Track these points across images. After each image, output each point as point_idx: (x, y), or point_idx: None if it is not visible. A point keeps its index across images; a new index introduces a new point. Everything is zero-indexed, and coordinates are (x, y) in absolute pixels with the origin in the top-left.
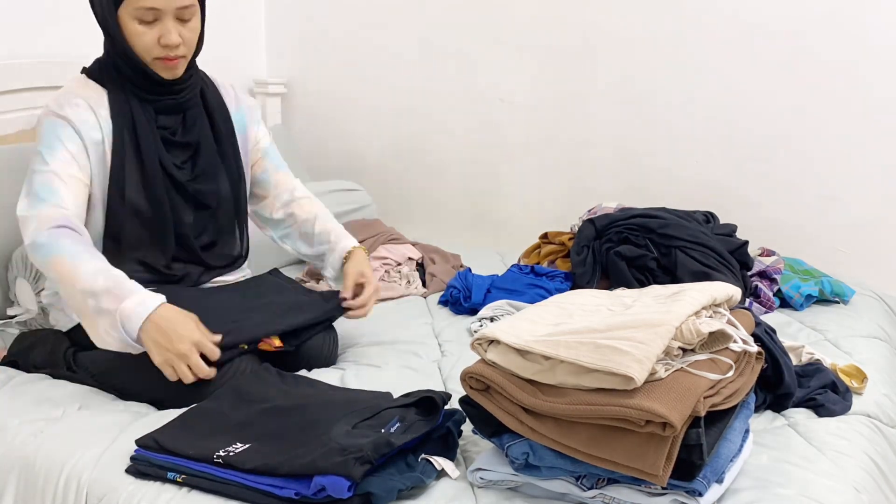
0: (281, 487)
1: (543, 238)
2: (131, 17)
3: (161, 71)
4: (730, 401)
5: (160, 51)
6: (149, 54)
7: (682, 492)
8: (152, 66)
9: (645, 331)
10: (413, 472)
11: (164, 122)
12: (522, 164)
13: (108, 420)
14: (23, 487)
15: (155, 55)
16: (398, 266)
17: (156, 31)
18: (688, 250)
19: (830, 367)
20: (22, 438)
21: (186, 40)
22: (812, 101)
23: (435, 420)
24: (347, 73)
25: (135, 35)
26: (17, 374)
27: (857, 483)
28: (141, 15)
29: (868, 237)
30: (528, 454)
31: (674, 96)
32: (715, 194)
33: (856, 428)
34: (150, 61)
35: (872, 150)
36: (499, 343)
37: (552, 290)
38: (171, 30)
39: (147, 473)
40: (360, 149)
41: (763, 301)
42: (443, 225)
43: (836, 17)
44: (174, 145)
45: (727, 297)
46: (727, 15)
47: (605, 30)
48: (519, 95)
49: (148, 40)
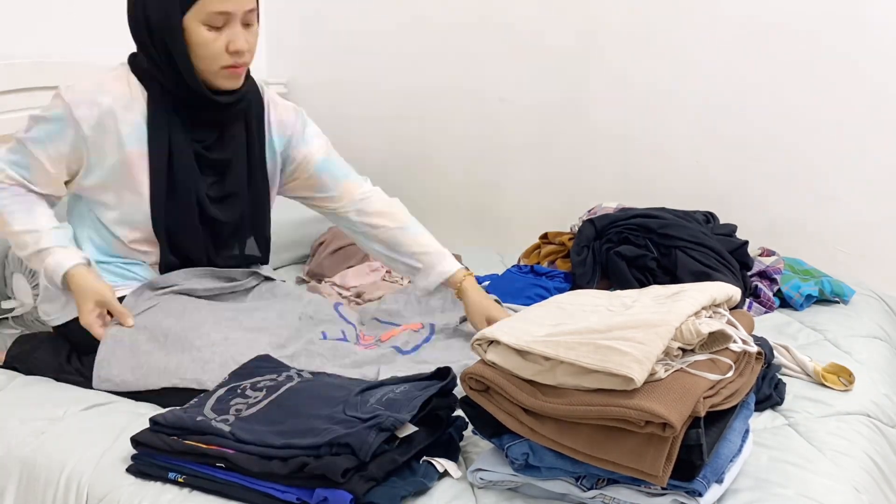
0: (283, 491)
1: (543, 238)
2: (200, 22)
3: (225, 81)
4: (730, 401)
5: (228, 58)
6: (216, 63)
7: (681, 492)
8: (216, 77)
9: (645, 331)
10: (415, 475)
11: (199, 135)
12: (522, 164)
13: (108, 420)
14: (23, 488)
15: (223, 63)
16: None
17: (224, 38)
18: (688, 250)
19: (814, 372)
20: (22, 439)
21: (252, 47)
22: (813, 101)
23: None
24: (347, 73)
25: (203, 44)
26: (18, 375)
27: (857, 483)
28: (212, 20)
29: (868, 237)
30: (528, 455)
31: (674, 96)
32: (715, 194)
33: (856, 428)
34: (216, 71)
35: (873, 150)
36: (499, 344)
37: (552, 290)
38: (239, 34)
39: (148, 473)
40: (360, 149)
41: (763, 301)
42: (443, 225)
43: (838, 17)
44: (205, 161)
45: (727, 297)
46: (726, 15)
47: (606, 30)
48: (519, 95)
49: (217, 48)
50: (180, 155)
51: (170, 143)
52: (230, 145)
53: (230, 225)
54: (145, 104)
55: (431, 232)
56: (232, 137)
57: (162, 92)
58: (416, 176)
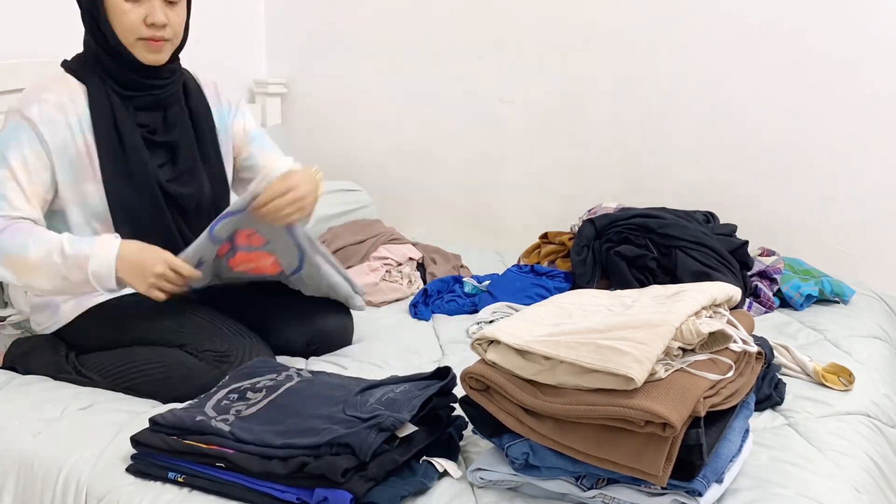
0: (283, 491)
1: (543, 238)
2: None
3: (144, 53)
4: (730, 401)
5: (146, 30)
6: (133, 34)
7: (681, 492)
8: (135, 48)
9: (645, 331)
10: (415, 475)
11: (144, 119)
12: (522, 164)
13: (107, 419)
14: (21, 488)
15: (140, 35)
16: (399, 266)
17: (142, 10)
18: (688, 250)
19: (814, 372)
20: (21, 439)
21: (172, 23)
22: (812, 101)
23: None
24: (347, 74)
25: (120, 13)
26: (17, 375)
27: (857, 483)
28: None
29: (868, 237)
30: (528, 454)
31: (674, 96)
32: (715, 194)
33: (856, 428)
34: (134, 42)
35: (872, 150)
36: (499, 343)
37: (552, 290)
38: (157, 8)
39: (148, 473)
40: (360, 149)
41: (763, 301)
42: (443, 225)
43: (837, 17)
44: (153, 145)
45: (727, 297)
46: (727, 15)
47: (606, 30)
48: (519, 95)
49: (133, 18)
50: (128, 137)
51: (116, 129)
52: (175, 126)
53: (192, 199)
54: (85, 97)
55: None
56: (175, 118)
57: (101, 83)
58: (417, 176)
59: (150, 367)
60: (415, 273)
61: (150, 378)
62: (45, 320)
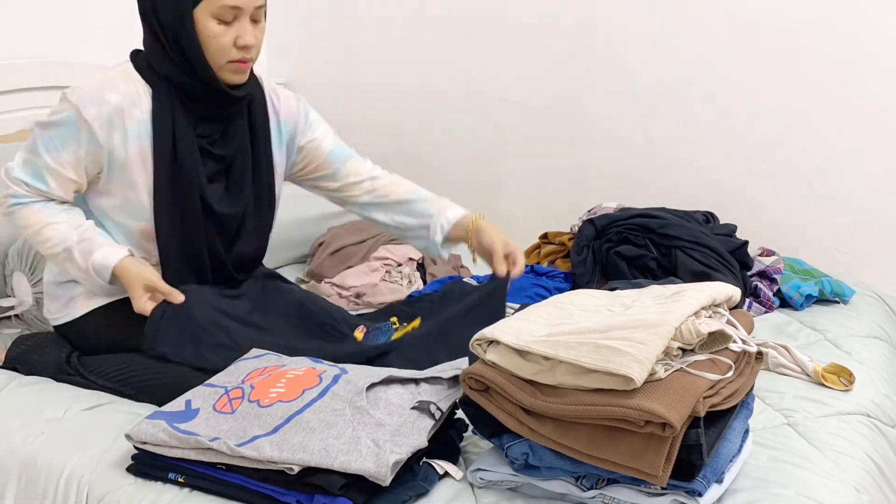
0: (283, 493)
1: (543, 238)
2: (210, 15)
3: (231, 76)
4: (729, 401)
5: (236, 53)
6: (224, 57)
7: (681, 492)
8: (222, 70)
9: (644, 331)
10: (416, 478)
11: (204, 129)
12: (522, 163)
13: (108, 420)
14: (23, 488)
15: (230, 58)
16: (399, 266)
17: (233, 32)
18: (688, 250)
19: (814, 372)
20: (23, 439)
21: (258, 42)
22: (812, 101)
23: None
24: (347, 73)
25: (212, 36)
26: (18, 376)
27: (857, 483)
28: (222, 14)
29: (868, 237)
30: (527, 454)
31: (674, 96)
32: (715, 194)
33: (856, 428)
34: (223, 65)
35: (872, 150)
36: (498, 343)
37: (552, 290)
38: (248, 30)
39: (148, 474)
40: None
41: (763, 301)
42: None
43: (837, 16)
44: (209, 156)
45: (727, 297)
46: (727, 14)
47: (606, 30)
48: (519, 95)
49: (225, 42)
50: (184, 149)
51: (174, 138)
52: (234, 140)
53: (235, 220)
54: (150, 101)
55: None
56: (236, 132)
57: (167, 88)
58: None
59: (152, 374)
60: (415, 273)
61: (150, 385)
62: (57, 310)
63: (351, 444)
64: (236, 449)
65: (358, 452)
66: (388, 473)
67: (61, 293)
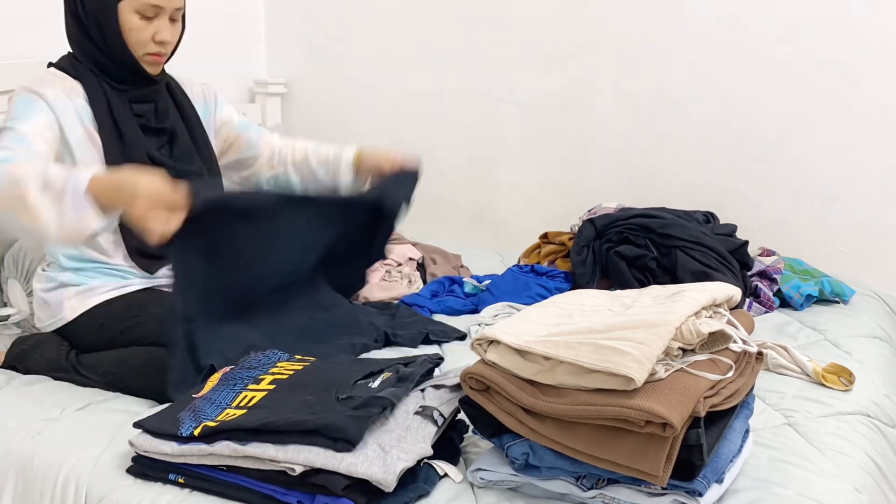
0: (284, 493)
1: (543, 238)
2: (133, 11)
3: (148, 66)
4: (730, 401)
5: (153, 47)
6: (142, 49)
7: (682, 492)
8: (141, 61)
9: (645, 331)
10: (416, 479)
11: (138, 109)
12: (522, 164)
13: (107, 420)
14: (21, 489)
15: (148, 51)
16: (399, 266)
17: (152, 28)
18: (688, 250)
19: (814, 372)
20: (20, 439)
21: (174, 39)
22: (812, 101)
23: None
24: (347, 73)
25: (133, 30)
26: (17, 375)
27: (857, 483)
28: (143, 10)
29: (868, 237)
30: (528, 454)
31: (674, 96)
32: (715, 194)
33: (856, 428)
34: (141, 56)
35: (872, 150)
36: (499, 343)
37: (553, 290)
38: (167, 27)
39: (148, 474)
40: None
41: (763, 301)
42: (443, 225)
43: (836, 18)
44: (150, 131)
45: (727, 297)
46: (727, 14)
47: (605, 30)
48: (519, 95)
49: (144, 36)
50: (125, 125)
51: (113, 118)
52: (167, 116)
53: (194, 177)
54: (83, 92)
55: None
56: (166, 110)
57: (95, 77)
58: None
59: (148, 368)
60: (415, 273)
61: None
62: (48, 318)
63: (357, 447)
64: (240, 448)
65: (364, 456)
66: (394, 481)
67: (51, 299)
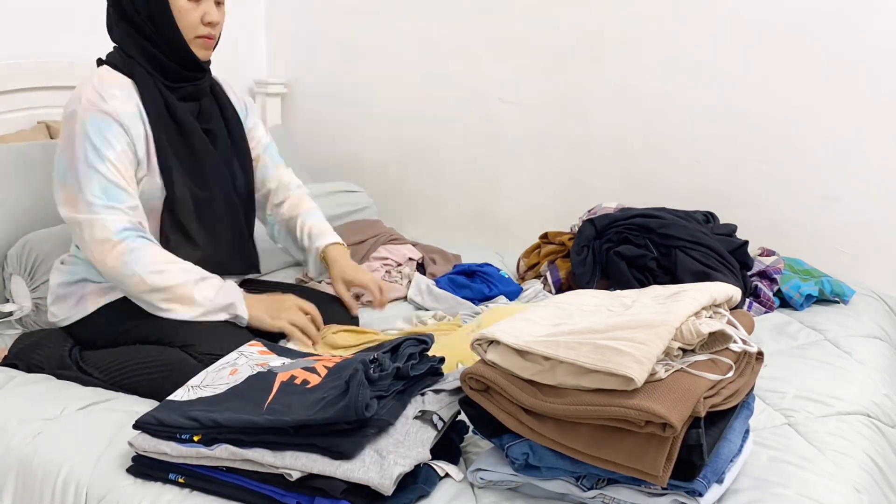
0: (283, 494)
1: (543, 238)
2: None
3: (199, 50)
4: (730, 401)
5: (203, 29)
6: (193, 31)
7: (682, 492)
8: (193, 45)
9: (645, 331)
10: (416, 480)
11: (185, 108)
12: (522, 163)
13: (107, 419)
14: (21, 488)
15: (198, 33)
16: (399, 266)
17: (201, 10)
18: (688, 250)
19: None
20: (20, 439)
21: (221, 20)
22: (812, 101)
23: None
24: (347, 73)
25: (183, 12)
26: (18, 374)
27: (857, 483)
28: None
29: (868, 237)
30: (528, 454)
31: (674, 96)
32: (715, 194)
33: (856, 428)
34: (192, 40)
35: (873, 150)
36: (498, 343)
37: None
38: (213, 9)
39: (148, 474)
40: (360, 149)
41: (763, 301)
42: (443, 225)
43: (837, 16)
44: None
45: (727, 297)
46: (727, 14)
47: (605, 29)
48: (519, 95)
49: (194, 17)
50: (187, 124)
51: (172, 117)
52: (211, 117)
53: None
54: (136, 89)
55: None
56: (209, 109)
57: (147, 73)
58: (416, 176)
59: (151, 367)
60: (415, 273)
61: (149, 377)
62: (65, 311)
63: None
64: (238, 452)
65: (361, 461)
66: (392, 485)
67: (72, 292)
